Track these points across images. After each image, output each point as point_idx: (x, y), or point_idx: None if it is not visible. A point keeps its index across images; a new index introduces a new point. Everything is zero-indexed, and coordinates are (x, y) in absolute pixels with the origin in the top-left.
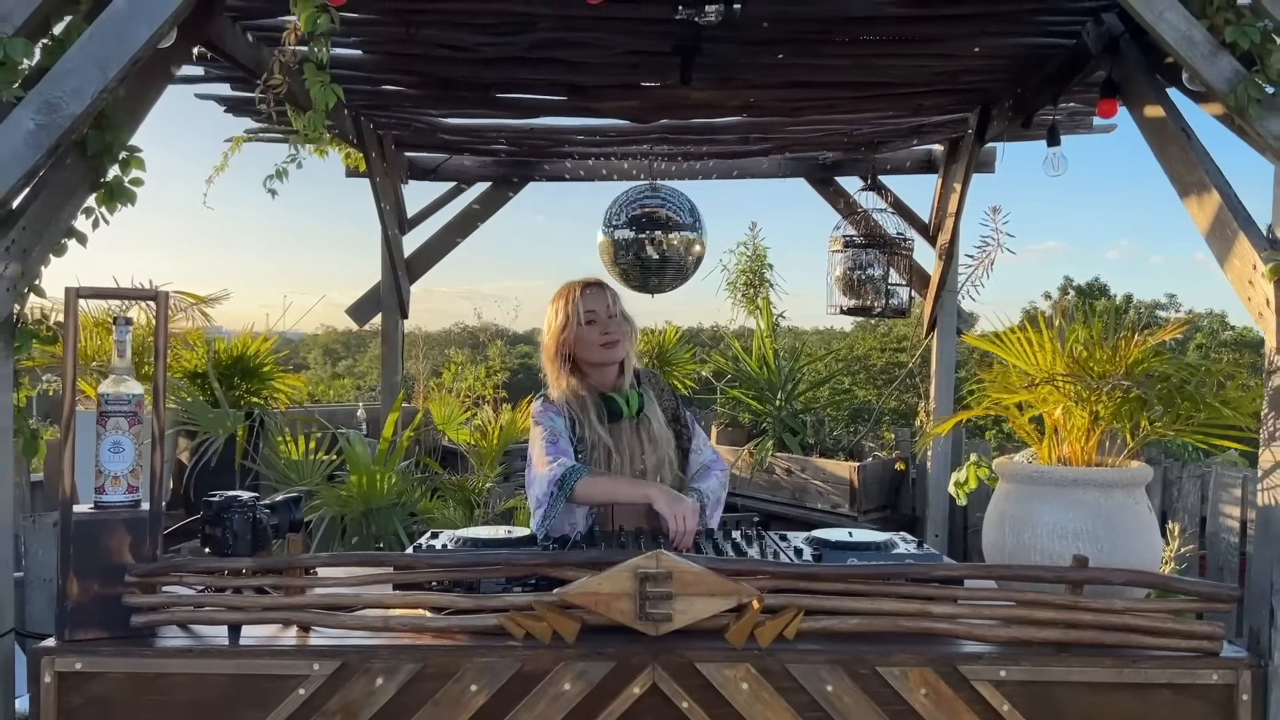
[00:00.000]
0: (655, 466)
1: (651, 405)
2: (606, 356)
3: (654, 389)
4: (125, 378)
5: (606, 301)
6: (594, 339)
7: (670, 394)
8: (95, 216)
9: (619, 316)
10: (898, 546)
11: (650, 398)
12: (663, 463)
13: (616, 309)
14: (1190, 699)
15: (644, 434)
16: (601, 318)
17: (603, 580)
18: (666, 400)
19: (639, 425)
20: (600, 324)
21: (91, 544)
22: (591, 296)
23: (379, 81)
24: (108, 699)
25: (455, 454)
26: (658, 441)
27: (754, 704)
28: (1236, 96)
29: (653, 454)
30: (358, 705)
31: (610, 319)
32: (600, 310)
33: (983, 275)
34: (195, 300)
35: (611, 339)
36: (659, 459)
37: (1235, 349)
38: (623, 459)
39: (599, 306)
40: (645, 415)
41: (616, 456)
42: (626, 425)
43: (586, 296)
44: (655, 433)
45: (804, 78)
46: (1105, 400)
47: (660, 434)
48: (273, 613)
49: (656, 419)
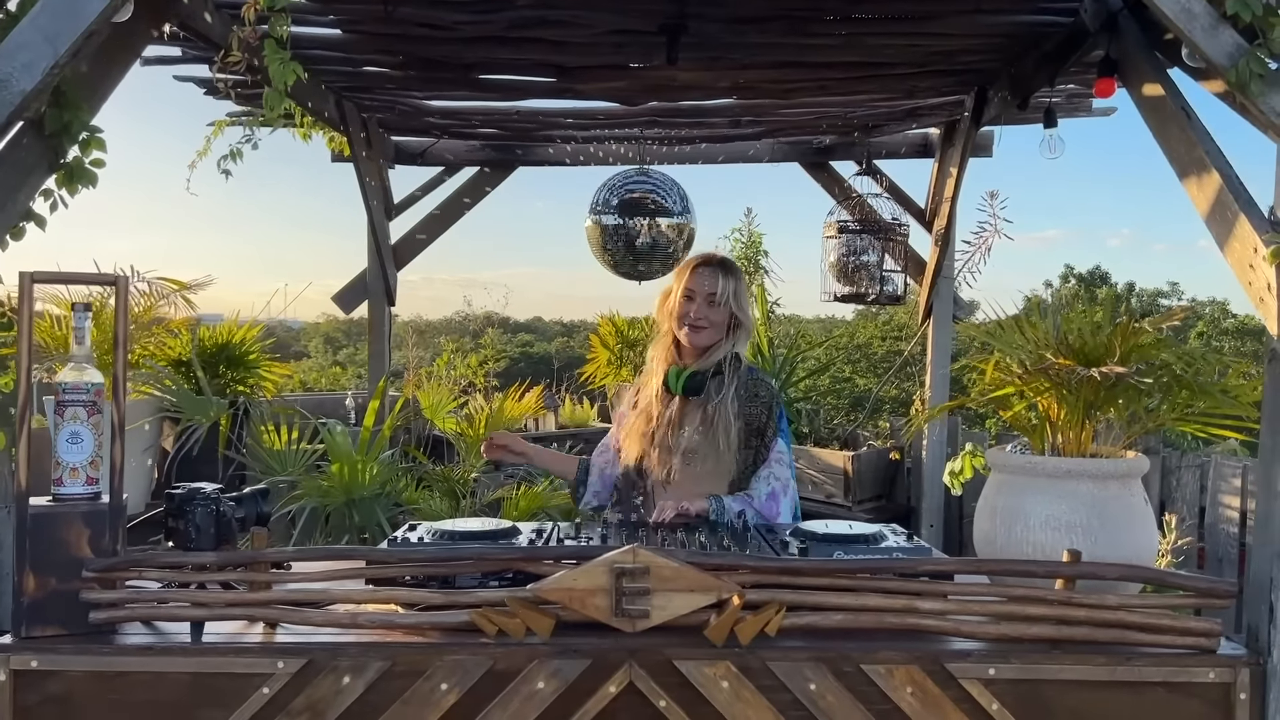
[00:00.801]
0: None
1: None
2: (687, 337)
3: (748, 390)
4: (85, 366)
5: (714, 288)
6: (682, 316)
7: (767, 406)
8: (54, 199)
9: (724, 307)
10: (887, 539)
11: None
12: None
13: (724, 298)
14: (1186, 698)
15: (701, 414)
16: (699, 299)
17: (578, 575)
18: (758, 408)
19: (704, 405)
20: (697, 304)
21: (49, 538)
22: (701, 275)
23: (360, 62)
24: (66, 698)
25: (445, 443)
26: (711, 424)
27: (734, 703)
28: (1238, 72)
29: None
30: (324, 704)
31: (711, 305)
32: (701, 292)
33: (979, 261)
34: (178, 286)
35: (696, 323)
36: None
37: (1237, 337)
38: (659, 427)
39: (702, 288)
40: (714, 399)
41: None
42: (684, 403)
43: (698, 273)
44: (711, 414)
45: (794, 58)
46: (1100, 388)
47: (718, 419)
48: (237, 609)
49: (725, 409)
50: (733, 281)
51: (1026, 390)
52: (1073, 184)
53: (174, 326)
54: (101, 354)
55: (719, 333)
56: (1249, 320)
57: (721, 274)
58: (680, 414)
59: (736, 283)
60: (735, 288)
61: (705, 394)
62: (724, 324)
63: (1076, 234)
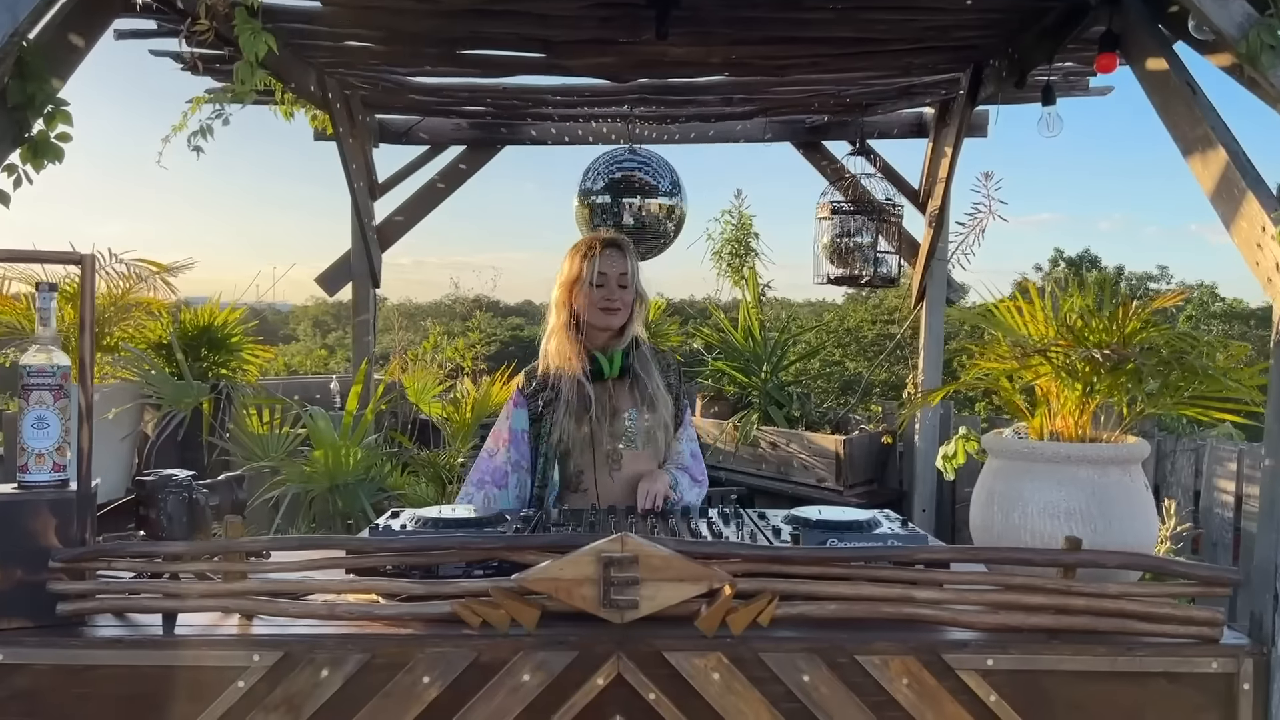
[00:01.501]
0: (649, 428)
1: (646, 367)
2: (604, 321)
3: (658, 362)
4: (50, 348)
5: (623, 268)
6: (597, 301)
7: (676, 372)
8: (18, 175)
9: (631, 287)
10: (881, 525)
11: (646, 361)
12: (658, 426)
13: (631, 278)
14: (1188, 688)
15: (636, 394)
16: (611, 282)
17: (564, 565)
18: (672, 377)
19: (632, 385)
20: (609, 288)
21: (14, 527)
22: (609, 258)
23: (341, 36)
24: (32, 692)
25: (431, 427)
26: (654, 403)
27: (726, 695)
28: (1249, 43)
29: (648, 414)
30: (301, 698)
31: (621, 287)
32: (612, 274)
33: (974, 243)
34: (158, 269)
35: (613, 306)
36: (655, 421)
37: (1225, 320)
38: (604, 414)
39: (613, 270)
40: (641, 377)
41: (593, 416)
42: (612, 386)
43: (604, 256)
44: (652, 395)
45: (787, 33)
46: (1100, 372)
47: (658, 396)
48: (211, 600)
49: (654, 382)
50: (633, 259)
51: (1025, 374)
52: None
53: (154, 309)
54: (71, 336)
55: (628, 312)
56: (1237, 304)
57: (623, 254)
58: (614, 398)
59: (634, 259)
60: (635, 264)
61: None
62: (631, 303)
63: (1068, 218)
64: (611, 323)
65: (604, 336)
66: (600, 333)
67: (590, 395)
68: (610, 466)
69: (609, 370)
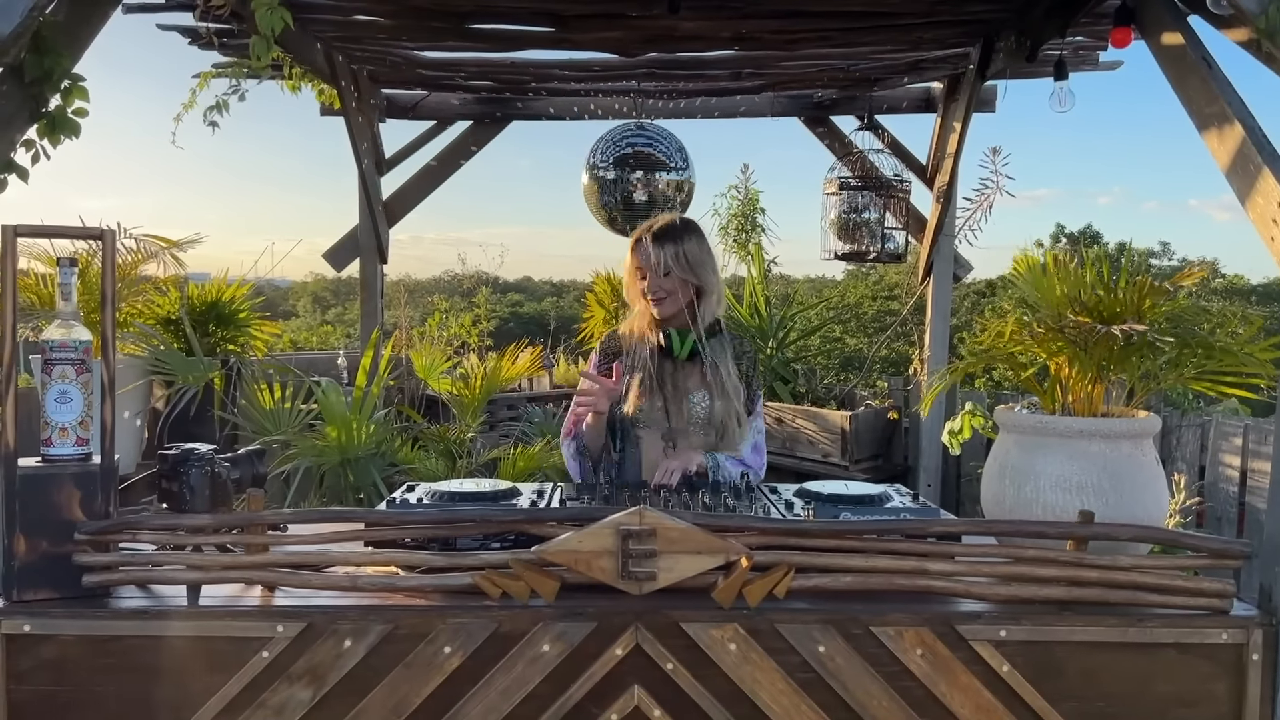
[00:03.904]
0: (716, 415)
1: (720, 355)
2: (656, 310)
3: (735, 348)
4: (72, 323)
5: (659, 258)
6: (642, 292)
7: (750, 361)
8: (36, 150)
9: (675, 274)
10: (892, 500)
11: (723, 347)
12: (726, 417)
13: (668, 266)
14: (1198, 659)
15: (702, 380)
16: (649, 273)
17: (583, 537)
18: (745, 364)
19: (704, 369)
20: (650, 279)
21: (39, 500)
22: (640, 250)
23: (350, 11)
24: (59, 662)
25: (439, 403)
26: (725, 391)
27: (742, 665)
28: (1268, 18)
29: (718, 401)
30: (324, 668)
31: (661, 275)
32: (647, 266)
33: (981, 219)
34: (167, 244)
35: (657, 296)
36: (725, 409)
37: (1226, 297)
38: (667, 394)
39: (648, 261)
40: (713, 362)
41: (662, 390)
42: (682, 365)
43: (638, 250)
44: (722, 383)
45: (797, 7)
46: (1114, 348)
47: (729, 385)
48: (234, 572)
49: (725, 368)
50: (671, 247)
51: (1039, 350)
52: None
53: (162, 284)
54: (88, 311)
55: (684, 297)
56: (1238, 280)
57: (655, 244)
58: (683, 377)
59: (677, 245)
60: (676, 250)
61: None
62: (685, 287)
63: (1066, 193)
64: (663, 312)
65: (678, 320)
66: (672, 318)
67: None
68: (665, 444)
69: (678, 349)
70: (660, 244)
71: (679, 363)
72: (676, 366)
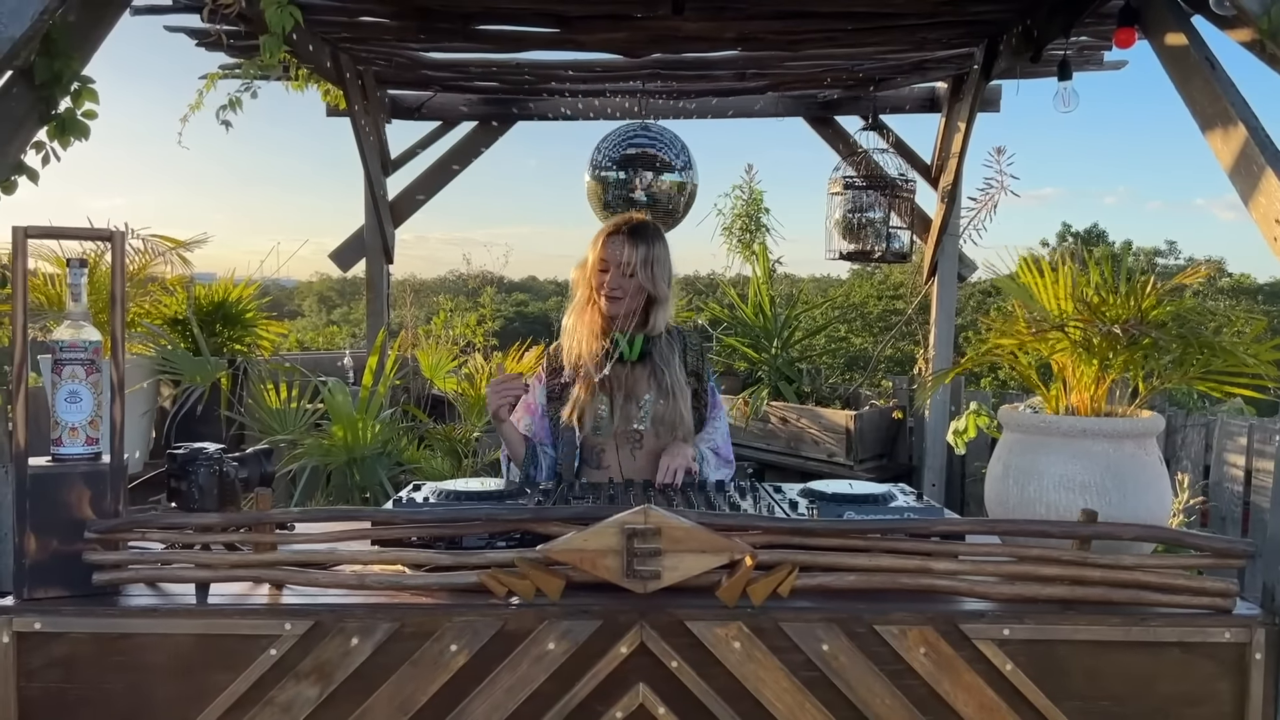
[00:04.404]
0: (663, 417)
1: (666, 357)
2: (605, 307)
3: (680, 344)
4: (82, 323)
5: (626, 257)
6: (598, 286)
7: (697, 354)
8: (46, 152)
9: (639, 275)
10: (896, 499)
11: (667, 351)
12: (675, 416)
13: (634, 266)
14: (1200, 658)
15: (654, 381)
16: (614, 269)
17: (588, 536)
18: (692, 355)
19: (652, 372)
20: (610, 275)
21: (49, 499)
22: (613, 244)
23: (355, 12)
24: (70, 660)
25: (444, 402)
26: (670, 394)
27: (746, 663)
28: (1270, 18)
29: (663, 404)
30: (332, 666)
31: (625, 275)
32: (613, 261)
33: (985, 218)
34: (174, 244)
35: (613, 294)
36: (670, 411)
37: (1232, 296)
38: (615, 399)
39: (614, 258)
40: (657, 364)
41: (610, 397)
42: (632, 369)
43: (609, 242)
44: (669, 385)
45: (802, 7)
46: (1117, 347)
47: (675, 388)
48: (242, 570)
49: (672, 370)
50: (644, 249)
51: (1042, 349)
52: (1068, 142)
53: (169, 284)
54: (97, 311)
55: (635, 301)
56: (1244, 279)
57: (630, 243)
58: (632, 381)
59: (649, 249)
60: (647, 255)
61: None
62: (640, 291)
63: (1071, 192)
64: (612, 310)
65: (624, 321)
66: (619, 317)
67: (606, 376)
68: (632, 445)
69: (629, 353)
70: (634, 244)
71: (627, 366)
72: (625, 370)
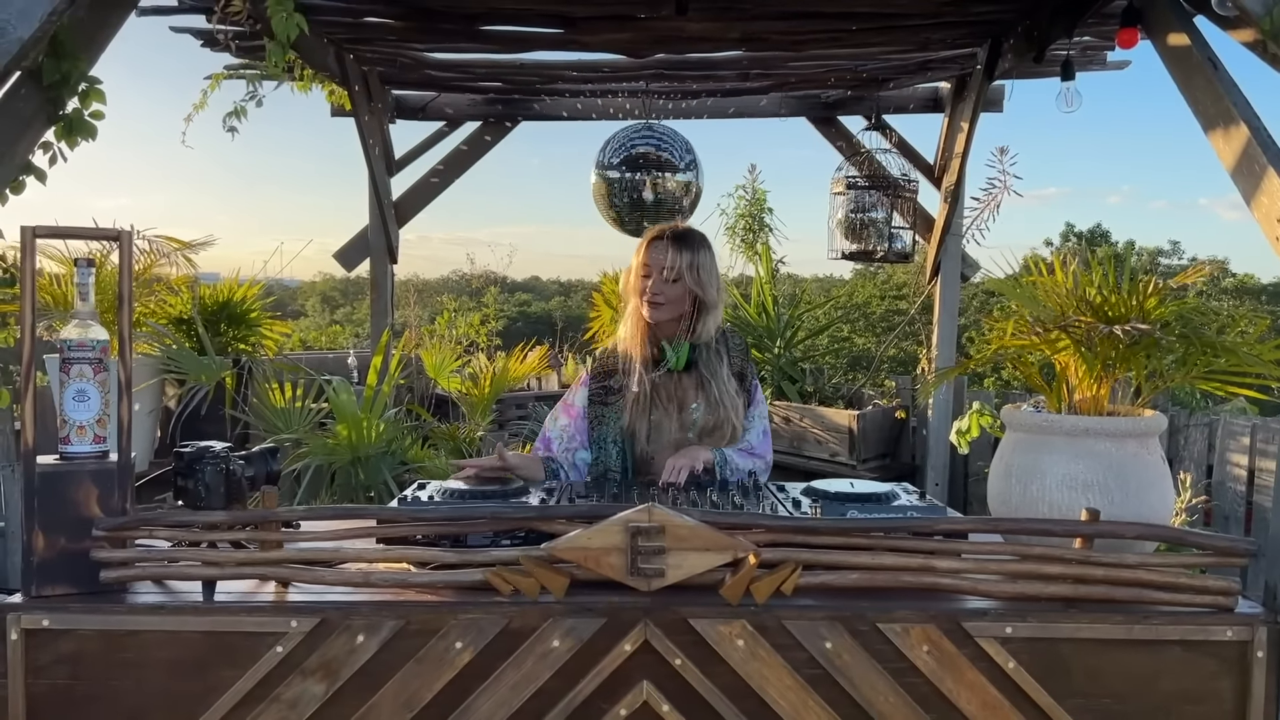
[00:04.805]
0: (711, 427)
1: (712, 367)
2: (648, 313)
3: (727, 349)
4: (89, 323)
5: (669, 262)
6: (641, 291)
7: (742, 355)
8: (54, 152)
9: (684, 280)
10: (899, 498)
11: (718, 358)
12: (723, 425)
13: (679, 271)
14: (1203, 656)
15: (701, 392)
16: (655, 275)
17: (593, 535)
18: (738, 359)
19: (699, 381)
20: (653, 280)
21: (57, 497)
22: (656, 249)
23: (360, 13)
24: (77, 656)
25: (448, 402)
26: (717, 405)
27: (749, 661)
28: (1272, 19)
29: (708, 414)
30: (338, 663)
31: (668, 281)
32: (656, 266)
33: (988, 218)
34: (180, 245)
35: (655, 300)
36: (718, 420)
37: (1236, 296)
38: (664, 408)
39: (656, 263)
40: (704, 374)
41: (659, 405)
42: (678, 377)
43: (653, 248)
44: (715, 395)
45: (806, 8)
46: (1119, 347)
47: (723, 397)
48: (248, 568)
49: (719, 380)
50: (688, 254)
51: (1045, 348)
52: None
53: (174, 284)
54: (103, 311)
55: (679, 308)
56: (1249, 279)
57: (674, 248)
58: (680, 390)
59: (694, 255)
60: (692, 260)
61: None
62: (684, 298)
63: (1075, 192)
64: (655, 316)
65: (670, 328)
66: (664, 324)
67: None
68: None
69: (675, 363)
70: (678, 249)
71: (675, 374)
72: (673, 378)
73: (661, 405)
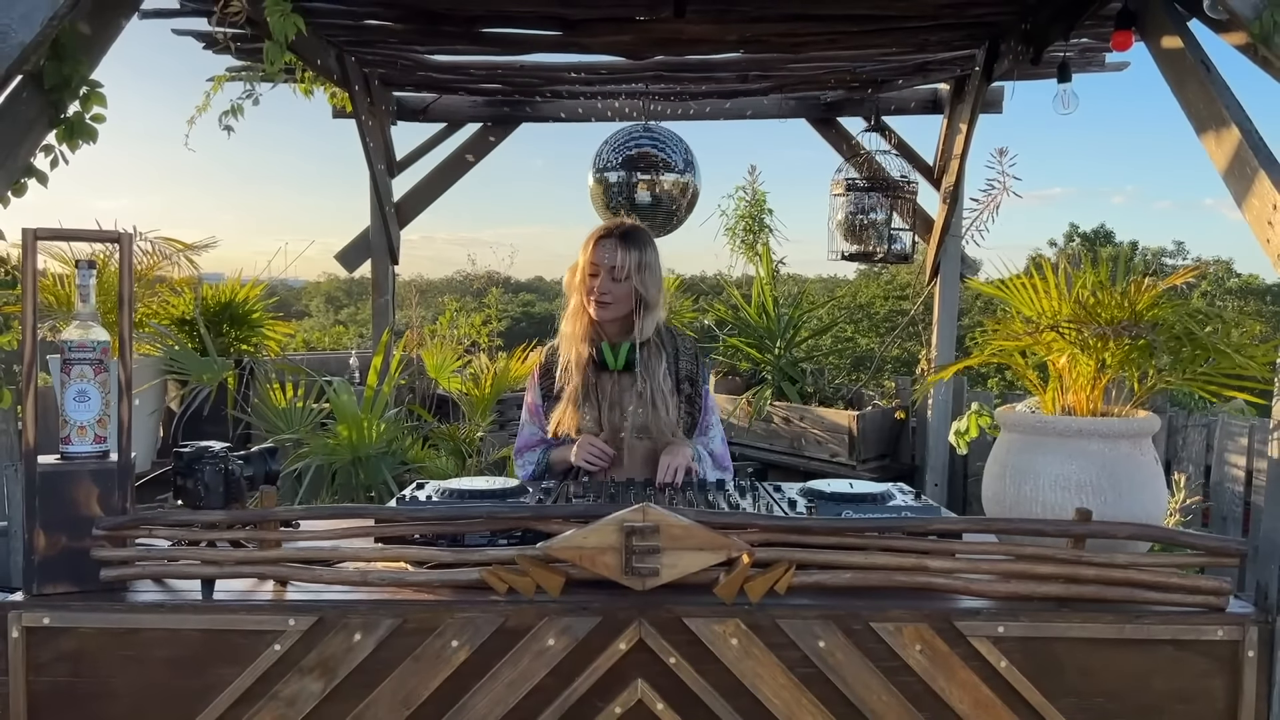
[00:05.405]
0: (646, 426)
1: (653, 366)
2: (595, 312)
3: (671, 350)
4: (90, 324)
5: (616, 261)
6: (588, 290)
7: (691, 358)
8: (55, 155)
9: (627, 279)
10: (895, 498)
11: (657, 358)
12: (660, 425)
13: (627, 270)
14: (1194, 655)
15: (637, 391)
16: (603, 273)
17: (588, 534)
18: (685, 364)
19: (636, 380)
20: (600, 279)
21: (58, 496)
22: (603, 248)
23: (361, 15)
24: (78, 654)
25: (449, 402)
26: (651, 404)
27: (743, 660)
28: (1261, 23)
29: (643, 412)
30: (335, 661)
31: (615, 280)
32: (603, 265)
33: (988, 219)
34: (182, 247)
35: (601, 299)
36: (654, 420)
37: (1240, 296)
38: (601, 410)
39: (604, 261)
40: (640, 374)
41: (598, 405)
42: (619, 377)
43: (600, 246)
44: (650, 394)
45: (805, 10)
46: (1112, 347)
47: (656, 397)
48: (247, 567)
49: (655, 381)
50: (636, 253)
51: (1038, 349)
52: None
53: (177, 285)
54: (105, 312)
55: (625, 306)
56: (1253, 279)
57: (622, 247)
58: (618, 390)
59: (642, 254)
60: (639, 259)
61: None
62: (630, 297)
63: (1079, 192)
64: (601, 315)
65: (614, 327)
66: (609, 323)
67: (594, 384)
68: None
69: (613, 363)
70: (626, 248)
71: (614, 374)
72: (612, 377)
73: (598, 403)
